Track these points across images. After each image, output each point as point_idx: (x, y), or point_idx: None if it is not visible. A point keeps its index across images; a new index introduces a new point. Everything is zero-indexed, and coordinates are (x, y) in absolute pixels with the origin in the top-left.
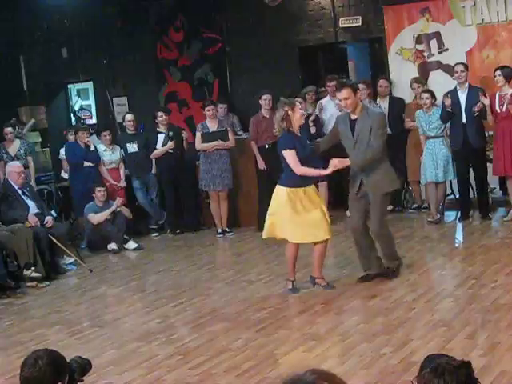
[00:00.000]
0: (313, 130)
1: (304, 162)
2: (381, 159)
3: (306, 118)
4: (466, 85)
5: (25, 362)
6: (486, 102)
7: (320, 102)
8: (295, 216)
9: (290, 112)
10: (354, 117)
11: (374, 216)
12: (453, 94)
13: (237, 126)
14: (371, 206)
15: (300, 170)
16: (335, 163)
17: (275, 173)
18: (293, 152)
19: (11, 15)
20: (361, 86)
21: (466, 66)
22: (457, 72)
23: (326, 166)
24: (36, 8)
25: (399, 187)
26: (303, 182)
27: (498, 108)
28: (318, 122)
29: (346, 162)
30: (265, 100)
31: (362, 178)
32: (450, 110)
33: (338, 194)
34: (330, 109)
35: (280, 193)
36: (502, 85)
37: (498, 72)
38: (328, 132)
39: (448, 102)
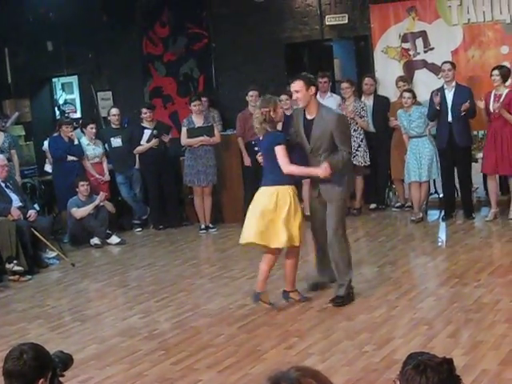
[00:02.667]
0: None
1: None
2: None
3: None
4: (453, 83)
5: (9, 354)
6: (481, 105)
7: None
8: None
9: (271, 113)
10: (309, 117)
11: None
12: (440, 92)
13: (216, 121)
14: (327, 214)
15: (289, 168)
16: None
17: (260, 169)
18: (284, 147)
19: None
20: (344, 84)
21: (453, 65)
22: (444, 71)
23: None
24: (21, 1)
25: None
26: (291, 179)
27: (491, 107)
28: None
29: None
30: (251, 96)
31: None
32: (438, 107)
33: None
34: None
35: (269, 193)
36: (498, 84)
37: (496, 72)
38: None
39: (437, 99)
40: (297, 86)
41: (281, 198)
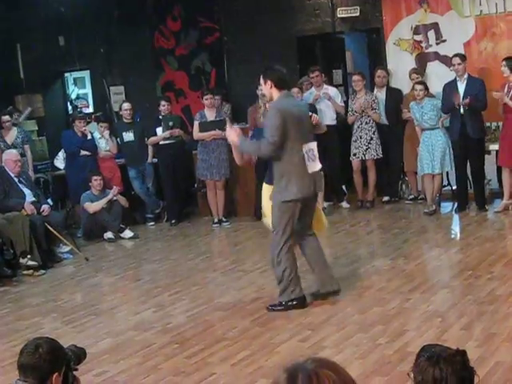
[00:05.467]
0: None
1: None
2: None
3: None
4: (465, 76)
5: (24, 348)
6: (498, 95)
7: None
8: None
9: None
10: None
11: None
12: (452, 85)
13: (227, 116)
14: None
15: None
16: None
17: None
18: None
19: (8, 3)
20: (356, 77)
21: (462, 58)
22: (454, 65)
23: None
24: None
25: (291, 199)
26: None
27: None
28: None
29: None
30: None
31: None
32: (457, 106)
33: (329, 185)
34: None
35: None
36: (507, 76)
37: (504, 63)
38: None
39: (456, 100)
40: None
41: None
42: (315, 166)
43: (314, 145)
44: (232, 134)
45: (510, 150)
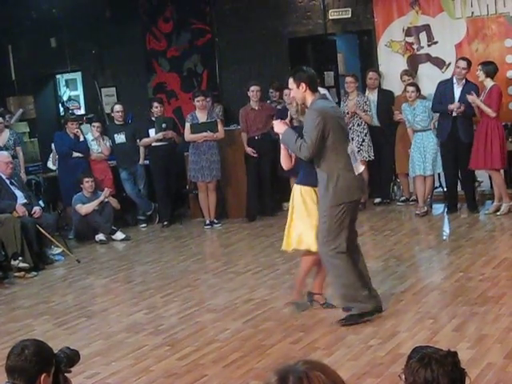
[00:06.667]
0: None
1: None
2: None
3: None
4: (463, 81)
5: (11, 351)
6: (470, 99)
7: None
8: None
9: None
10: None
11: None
12: (447, 85)
13: (218, 117)
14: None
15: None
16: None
17: (264, 164)
18: None
19: None
20: (349, 78)
21: (469, 64)
22: (458, 67)
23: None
24: None
25: (342, 202)
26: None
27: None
28: None
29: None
30: (252, 91)
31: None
32: (450, 113)
33: None
34: None
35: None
36: (483, 80)
37: (479, 67)
38: None
39: (452, 107)
40: (289, 84)
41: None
42: (359, 167)
43: (354, 146)
44: (279, 124)
45: (481, 153)
